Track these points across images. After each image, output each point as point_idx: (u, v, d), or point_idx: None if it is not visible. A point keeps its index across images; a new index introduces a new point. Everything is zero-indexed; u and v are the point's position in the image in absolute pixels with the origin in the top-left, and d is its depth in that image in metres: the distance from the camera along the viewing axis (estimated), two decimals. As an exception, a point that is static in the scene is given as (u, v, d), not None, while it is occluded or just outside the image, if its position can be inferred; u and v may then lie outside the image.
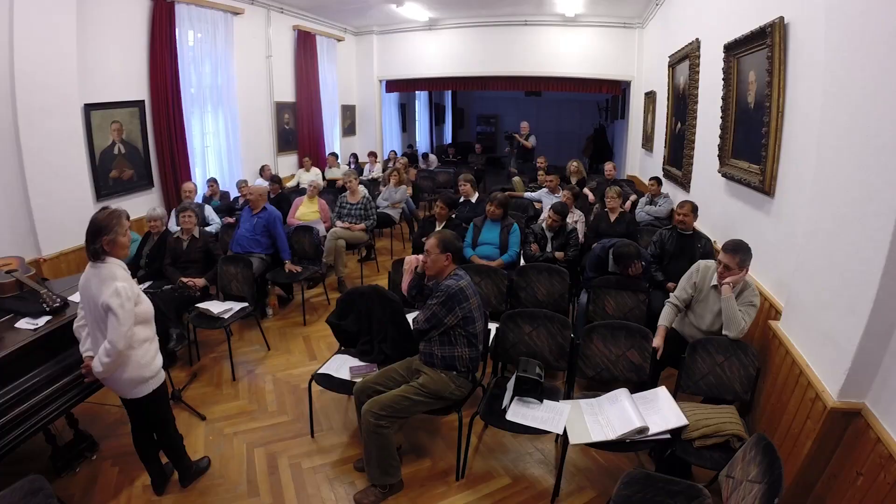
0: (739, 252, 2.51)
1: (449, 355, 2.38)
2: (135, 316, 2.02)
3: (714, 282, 2.66)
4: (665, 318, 2.77)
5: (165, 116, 5.11)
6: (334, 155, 7.99)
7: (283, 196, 5.71)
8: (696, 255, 3.41)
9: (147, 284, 3.71)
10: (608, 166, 6.43)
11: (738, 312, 2.50)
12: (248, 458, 2.65)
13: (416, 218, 6.65)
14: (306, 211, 5.23)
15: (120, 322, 1.94)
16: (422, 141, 13.02)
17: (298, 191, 6.64)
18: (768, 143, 2.78)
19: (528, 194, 6.03)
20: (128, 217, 2.12)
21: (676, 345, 2.72)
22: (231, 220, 5.09)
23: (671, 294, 2.87)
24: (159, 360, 2.19)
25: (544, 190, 5.66)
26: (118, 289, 1.95)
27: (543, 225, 4.12)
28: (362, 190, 5.39)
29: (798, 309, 2.27)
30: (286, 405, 3.12)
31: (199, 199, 5.43)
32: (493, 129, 14.83)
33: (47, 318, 2.36)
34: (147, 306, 2.13)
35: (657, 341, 2.62)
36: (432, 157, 10.36)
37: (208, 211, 5.07)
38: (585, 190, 5.93)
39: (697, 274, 2.76)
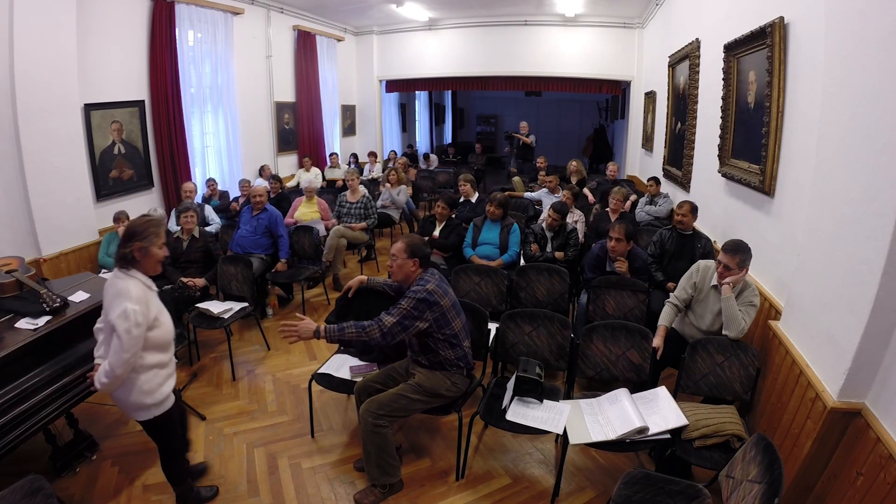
0: (739, 252, 2.51)
1: (435, 360, 2.36)
2: (146, 340, 1.85)
3: (714, 282, 2.66)
4: (665, 317, 2.77)
5: (165, 116, 5.11)
6: (336, 155, 8.02)
7: (283, 196, 5.72)
8: (696, 255, 3.41)
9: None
10: (611, 167, 6.44)
11: (738, 312, 2.50)
12: (248, 458, 2.65)
13: (416, 218, 6.65)
14: (306, 211, 5.23)
15: (123, 348, 1.77)
16: (422, 141, 13.02)
17: (298, 191, 6.65)
18: (768, 143, 2.78)
19: (528, 194, 6.03)
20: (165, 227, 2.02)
21: (676, 345, 2.72)
22: (235, 205, 5.12)
23: (671, 294, 2.87)
24: (167, 387, 1.99)
25: (544, 190, 5.66)
26: (127, 311, 1.76)
27: (543, 225, 4.12)
28: (362, 189, 5.39)
29: (798, 309, 2.27)
30: (286, 405, 3.12)
31: (198, 199, 5.43)
32: (493, 129, 14.84)
33: (47, 318, 2.35)
34: (164, 331, 1.95)
35: (657, 341, 2.62)
36: (433, 157, 10.36)
37: (208, 211, 5.08)
38: (585, 190, 5.94)
39: (697, 274, 2.76)
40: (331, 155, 7.97)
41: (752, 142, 3.03)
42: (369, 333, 2.15)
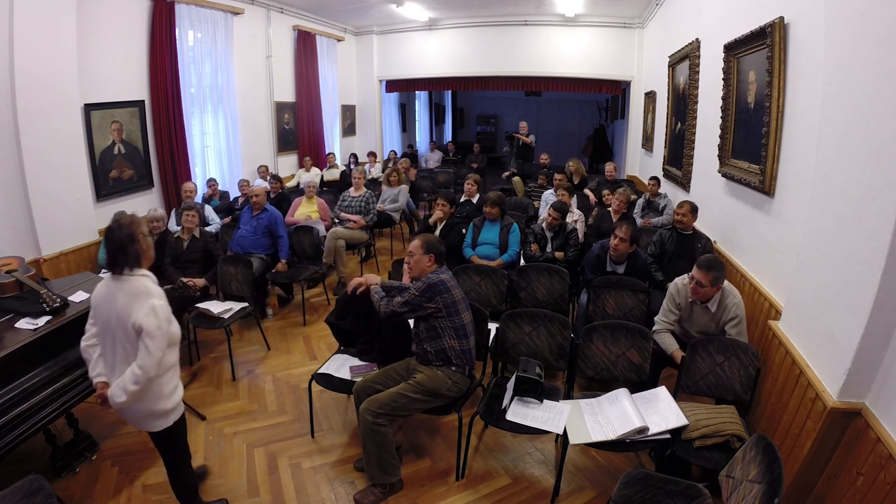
0: (713, 270, 2.50)
1: (440, 349, 2.38)
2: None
3: (690, 298, 2.64)
4: (671, 343, 2.67)
5: (165, 116, 5.11)
6: (333, 154, 8.02)
7: (283, 196, 5.72)
8: (696, 254, 3.40)
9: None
10: (609, 167, 6.43)
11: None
12: (248, 458, 2.65)
13: (416, 218, 6.66)
14: (306, 211, 5.23)
15: (157, 346, 1.76)
16: (422, 141, 13.01)
17: (298, 191, 6.66)
18: (768, 143, 2.78)
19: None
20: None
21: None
22: (227, 219, 5.08)
23: (659, 323, 2.77)
24: (181, 389, 1.98)
25: (549, 192, 5.57)
26: (155, 307, 1.76)
27: (543, 225, 4.12)
28: (366, 189, 5.50)
29: (798, 309, 2.27)
30: (286, 405, 3.12)
31: (198, 199, 5.43)
32: (493, 129, 14.84)
33: (47, 318, 2.36)
34: (177, 327, 1.93)
35: (678, 355, 2.56)
36: (436, 153, 10.36)
37: (208, 211, 5.07)
38: (586, 190, 5.91)
39: (678, 294, 2.72)
40: (328, 154, 7.95)
41: (752, 142, 3.03)
42: (380, 307, 2.44)
